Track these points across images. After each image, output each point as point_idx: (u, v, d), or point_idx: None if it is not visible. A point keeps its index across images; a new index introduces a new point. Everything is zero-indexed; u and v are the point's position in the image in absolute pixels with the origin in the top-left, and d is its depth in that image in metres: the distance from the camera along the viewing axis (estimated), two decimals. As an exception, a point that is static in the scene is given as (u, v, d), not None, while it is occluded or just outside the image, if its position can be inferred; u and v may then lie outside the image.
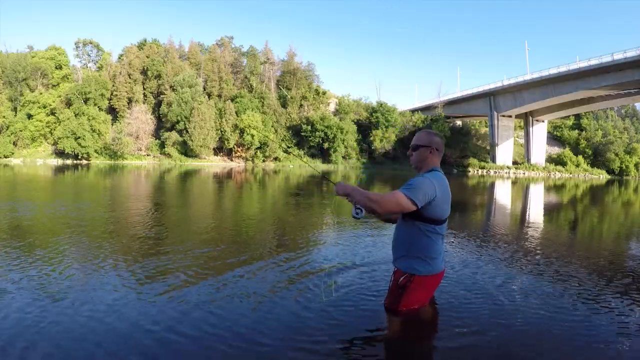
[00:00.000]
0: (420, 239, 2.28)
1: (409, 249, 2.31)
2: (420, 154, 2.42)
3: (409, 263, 2.30)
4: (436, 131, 2.55)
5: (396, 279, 2.38)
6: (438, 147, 2.43)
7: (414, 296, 2.34)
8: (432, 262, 2.30)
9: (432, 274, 2.31)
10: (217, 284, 3.05)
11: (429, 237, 2.28)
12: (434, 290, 2.52)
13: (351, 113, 55.35)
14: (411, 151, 2.47)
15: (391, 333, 2.31)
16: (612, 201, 14.76)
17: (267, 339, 2.15)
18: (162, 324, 2.31)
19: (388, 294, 2.48)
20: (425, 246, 2.28)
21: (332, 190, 2.45)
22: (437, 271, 2.33)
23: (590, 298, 2.97)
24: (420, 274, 2.29)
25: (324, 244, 4.68)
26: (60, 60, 56.83)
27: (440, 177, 2.31)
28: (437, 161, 2.43)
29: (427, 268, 2.29)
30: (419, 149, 2.43)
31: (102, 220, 6.21)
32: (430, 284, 2.39)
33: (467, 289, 3.04)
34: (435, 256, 2.31)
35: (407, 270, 2.30)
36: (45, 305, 2.55)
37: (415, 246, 2.29)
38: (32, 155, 48.35)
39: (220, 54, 56.64)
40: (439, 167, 2.45)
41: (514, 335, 2.29)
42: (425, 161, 2.41)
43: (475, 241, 5.21)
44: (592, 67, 38.90)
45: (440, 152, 2.44)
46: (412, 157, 2.46)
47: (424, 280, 2.31)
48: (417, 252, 2.28)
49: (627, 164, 56.47)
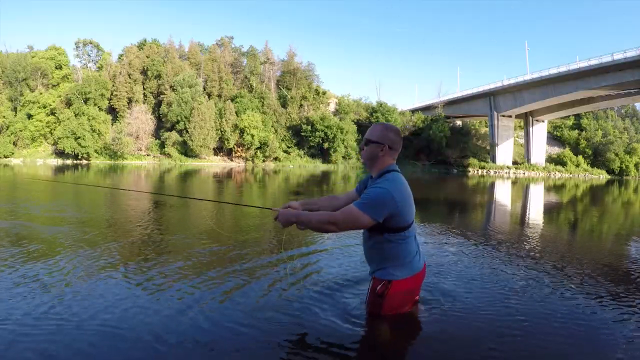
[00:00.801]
0: (391, 249, 2.17)
1: (383, 260, 2.21)
2: (371, 151, 2.21)
3: (386, 271, 2.20)
4: (393, 125, 2.30)
5: (373, 287, 2.26)
6: (392, 145, 2.20)
7: (394, 301, 2.23)
8: (409, 264, 2.21)
9: (409, 276, 2.22)
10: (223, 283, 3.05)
11: (400, 244, 2.17)
12: (417, 290, 2.40)
13: (351, 113, 55.36)
14: (362, 145, 2.26)
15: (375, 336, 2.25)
16: (612, 201, 14.77)
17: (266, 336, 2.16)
18: (161, 325, 2.31)
19: (367, 301, 2.36)
20: (399, 253, 2.18)
21: (273, 220, 2.26)
22: (415, 272, 2.24)
23: (591, 298, 2.97)
24: (398, 279, 2.19)
25: (324, 245, 4.67)
26: (60, 60, 56.85)
27: (398, 181, 2.13)
28: (390, 160, 2.22)
29: (404, 272, 2.20)
30: (370, 145, 2.21)
31: (103, 220, 6.21)
32: (410, 285, 2.28)
33: (463, 289, 3.04)
34: (410, 259, 2.22)
35: (383, 277, 2.20)
36: (42, 306, 2.56)
37: (388, 256, 2.19)
38: (32, 155, 48.36)
39: (220, 54, 56.65)
40: (395, 164, 2.24)
41: (511, 337, 2.29)
42: (376, 160, 2.20)
43: (474, 241, 5.21)
44: (592, 67, 38.92)
45: (394, 150, 2.22)
46: (363, 152, 2.25)
47: (402, 284, 2.21)
48: (392, 261, 2.19)
49: (627, 164, 56.49)
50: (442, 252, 4.43)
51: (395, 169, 2.21)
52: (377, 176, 2.21)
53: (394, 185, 2.09)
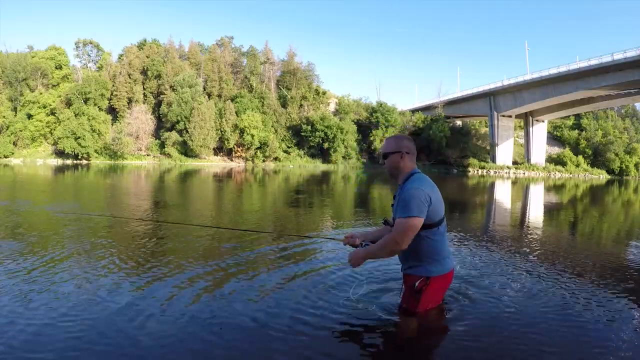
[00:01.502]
0: (426, 245, 2.28)
1: (419, 257, 2.32)
2: (391, 161, 2.39)
3: (423, 267, 2.31)
4: (403, 134, 2.50)
5: (410, 283, 2.38)
6: (408, 150, 2.37)
7: (430, 297, 2.37)
8: (444, 261, 2.35)
9: (444, 273, 2.35)
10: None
11: (434, 240, 2.29)
12: (447, 288, 2.54)
13: (351, 113, 55.33)
14: (382, 160, 2.44)
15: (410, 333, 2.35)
16: (612, 201, 14.77)
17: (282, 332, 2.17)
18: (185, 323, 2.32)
19: (403, 299, 2.47)
20: (434, 249, 2.30)
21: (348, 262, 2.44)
22: (448, 270, 2.38)
23: (592, 299, 2.97)
24: (435, 275, 2.32)
25: (325, 245, 4.67)
26: (60, 60, 56.84)
27: (425, 179, 2.31)
28: (411, 164, 2.38)
29: (439, 268, 2.33)
30: (389, 157, 2.39)
31: (103, 220, 6.21)
32: (444, 283, 2.43)
33: (474, 289, 3.04)
34: (446, 255, 2.36)
35: (422, 273, 2.32)
36: (38, 307, 2.56)
37: (424, 253, 2.30)
38: (32, 155, 48.37)
39: (220, 54, 56.64)
40: (416, 167, 2.41)
41: (523, 335, 2.30)
42: (399, 167, 2.37)
43: (476, 241, 5.21)
44: (592, 67, 38.92)
45: (411, 154, 2.38)
46: (385, 165, 2.44)
47: (438, 280, 2.35)
48: (428, 257, 2.30)
49: (627, 164, 56.48)
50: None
51: (418, 171, 2.37)
52: (403, 182, 2.35)
53: (423, 182, 2.26)
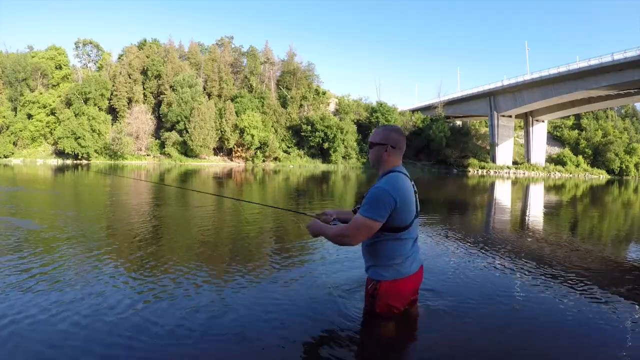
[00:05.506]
0: (384, 247, 2.16)
1: (375, 258, 2.21)
2: (375, 153, 2.23)
3: (375, 270, 2.22)
4: (395, 125, 2.32)
5: (366, 286, 2.31)
6: (395, 145, 2.19)
7: (385, 302, 2.21)
8: (399, 266, 2.18)
9: (398, 278, 2.18)
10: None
11: (393, 245, 2.15)
12: (410, 293, 2.32)
13: (351, 113, 55.36)
14: (368, 149, 2.30)
15: (369, 334, 2.29)
16: (612, 201, 14.77)
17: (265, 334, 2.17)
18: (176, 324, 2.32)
19: (365, 299, 2.39)
20: (390, 253, 2.17)
21: (305, 227, 2.37)
22: (405, 275, 2.19)
23: (592, 299, 2.97)
24: (386, 279, 2.18)
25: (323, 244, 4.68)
26: (60, 60, 56.77)
27: (399, 181, 2.11)
28: (395, 160, 2.21)
29: (392, 273, 2.17)
30: (374, 147, 2.23)
31: (103, 219, 6.22)
32: (401, 288, 2.22)
33: (463, 289, 3.04)
34: (401, 261, 2.18)
35: (374, 277, 2.22)
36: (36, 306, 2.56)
37: (380, 255, 2.19)
38: (32, 155, 48.37)
39: (220, 54, 56.65)
40: (401, 165, 2.24)
41: (512, 338, 2.30)
42: (381, 161, 2.21)
43: (474, 241, 5.21)
44: (592, 67, 38.95)
45: (398, 149, 2.20)
46: (369, 155, 2.30)
47: (391, 286, 2.19)
48: (384, 260, 2.18)
49: (627, 164, 56.55)
50: (441, 251, 4.43)
51: (399, 170, 2.19)
52: (380, 177, 2.21)
53: (392, 184, 2.08)
